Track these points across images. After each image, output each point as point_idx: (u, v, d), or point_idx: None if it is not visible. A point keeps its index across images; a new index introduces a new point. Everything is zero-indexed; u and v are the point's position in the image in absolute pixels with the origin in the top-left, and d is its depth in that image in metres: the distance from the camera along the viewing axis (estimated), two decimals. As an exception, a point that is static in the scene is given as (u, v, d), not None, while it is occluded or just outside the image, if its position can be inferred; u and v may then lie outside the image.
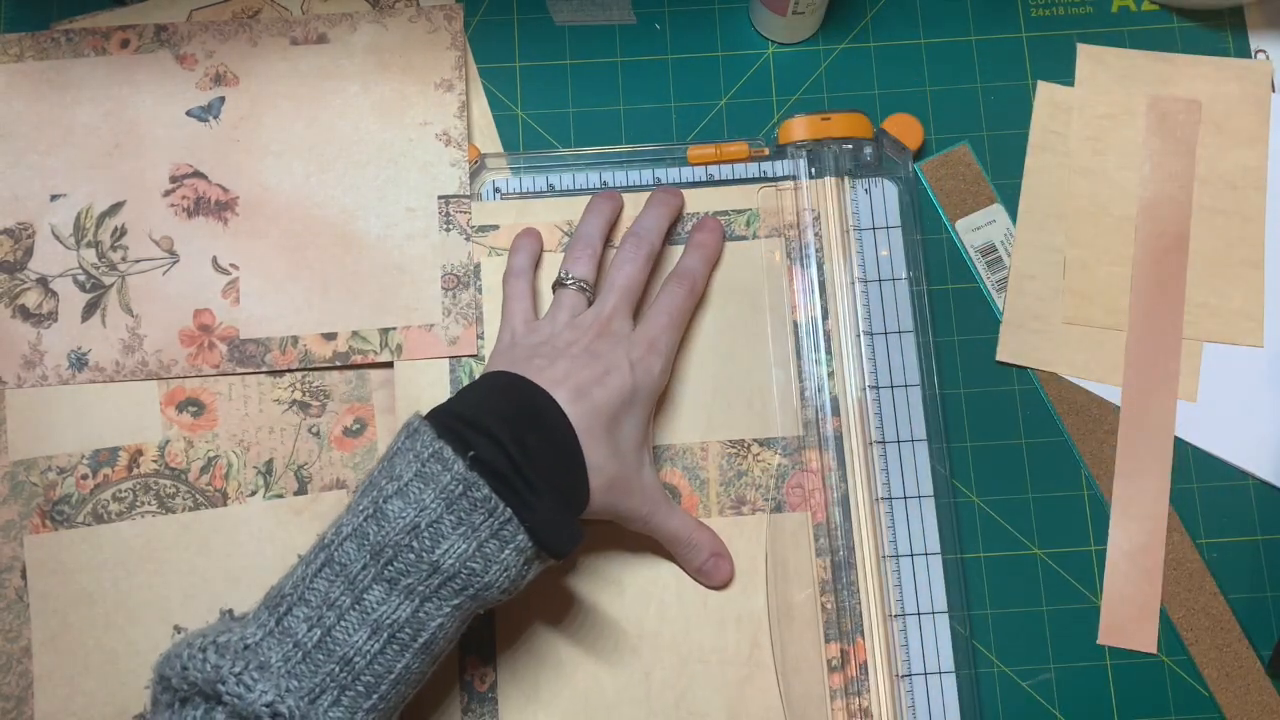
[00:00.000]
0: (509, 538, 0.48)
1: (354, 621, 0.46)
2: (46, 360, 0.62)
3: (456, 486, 0.47)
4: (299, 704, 0.44)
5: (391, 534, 0.47)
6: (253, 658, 0.45)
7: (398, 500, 0.47)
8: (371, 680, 0.46)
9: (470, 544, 0.47)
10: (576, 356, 0.55)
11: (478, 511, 0.47)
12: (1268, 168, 0.65)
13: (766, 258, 0.64)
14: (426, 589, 0.47)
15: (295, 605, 0.47)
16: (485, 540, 0.47)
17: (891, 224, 0.64)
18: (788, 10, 0.65)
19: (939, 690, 0.59)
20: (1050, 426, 0.63)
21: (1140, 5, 0.69)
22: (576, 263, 0.60)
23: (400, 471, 0.48)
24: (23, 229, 0.63)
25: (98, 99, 0.65)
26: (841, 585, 0.60)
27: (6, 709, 0.59)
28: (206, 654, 0.45)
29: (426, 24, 0.66)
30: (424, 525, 0.47)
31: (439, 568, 0.47)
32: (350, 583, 0.46)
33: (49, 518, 0.60)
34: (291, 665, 0.45)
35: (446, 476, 0.47)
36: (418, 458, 0.48)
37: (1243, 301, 0.64)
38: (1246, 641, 0.60)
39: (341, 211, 0.64)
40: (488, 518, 0.47)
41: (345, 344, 0.62)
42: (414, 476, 0.48)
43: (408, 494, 0.47)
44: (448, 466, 0.47)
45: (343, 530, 0.48)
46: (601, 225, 0.62)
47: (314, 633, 0.46)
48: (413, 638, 0.47)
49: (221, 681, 0.44)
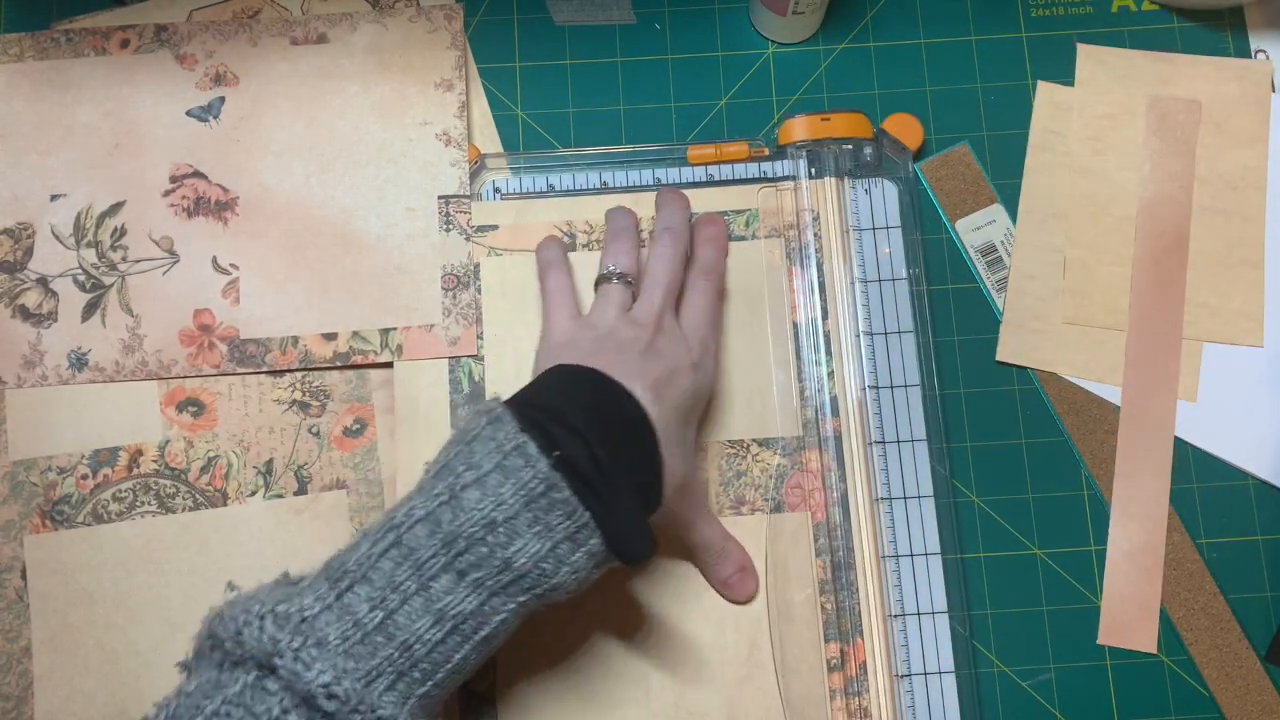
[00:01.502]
0: (583, 541, 0.46)
1: (417, 608, 0.45)
2: (46, 360, 0.62)
3: (538, 485, 0.46)
4: (355, 686, 0.43)
5: (466, 526, 0.45)
6: (311, 632, 0.43)
7: (475, 490, 0.46)
8: (428, 668, 0.45)
9: (544, 544, 0.46)
10: (644, 354, 0.54)
11: (555, 512, 0.46)
12: (1268, 168, 0.65)
13: (766, 258, 0.64)
14: (495, 584, 0.46)
15: (358, 583, 0.45)
16: (560, 542, 0.46)
17: (891, 224, 0.64)
18: (788, 10, 0.65)
19: (939, 690, 0.59)
20: (1050, 426, 0.63)
21: (1140, 5, 0.69)
22: (620, 256, 0.59)
23: (480, 460, 0.46)
24: (23, 229, 0.63)
25: (98, 99, 0.65)
26: (841, 585, 0.60)
27: (6, 709, 0.59)
28: (264, 623, 0.43)
29: (426, 24, 0.66)
30: (500, 521, 0.45)
31: (511, 565, 0.46)
32: (418, 568, 0.45)
33: (49, 518, 0.60)
34: (350, 645, 0.44)
35: (529, 473, 0.46)
36: (499, 449, 0.46)
37: (1243, 301, 0.64)
38: (1246, 641, 0.60)
39: (341, 211, 0.64)
40: (565, 519, 0.46)
41: (345, 344, 0.62)
42: (494, 468, 0.46)
43: (486, 485, 0.46)
44: (531, 463, 0.46)
45: (414, 513, 0.46)
46: (633, 222, 0.62)
47: (375, 614, 0.45)
48: (474, 630, 0.46)
49: (279, 655, 0.43)
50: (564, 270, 0.61)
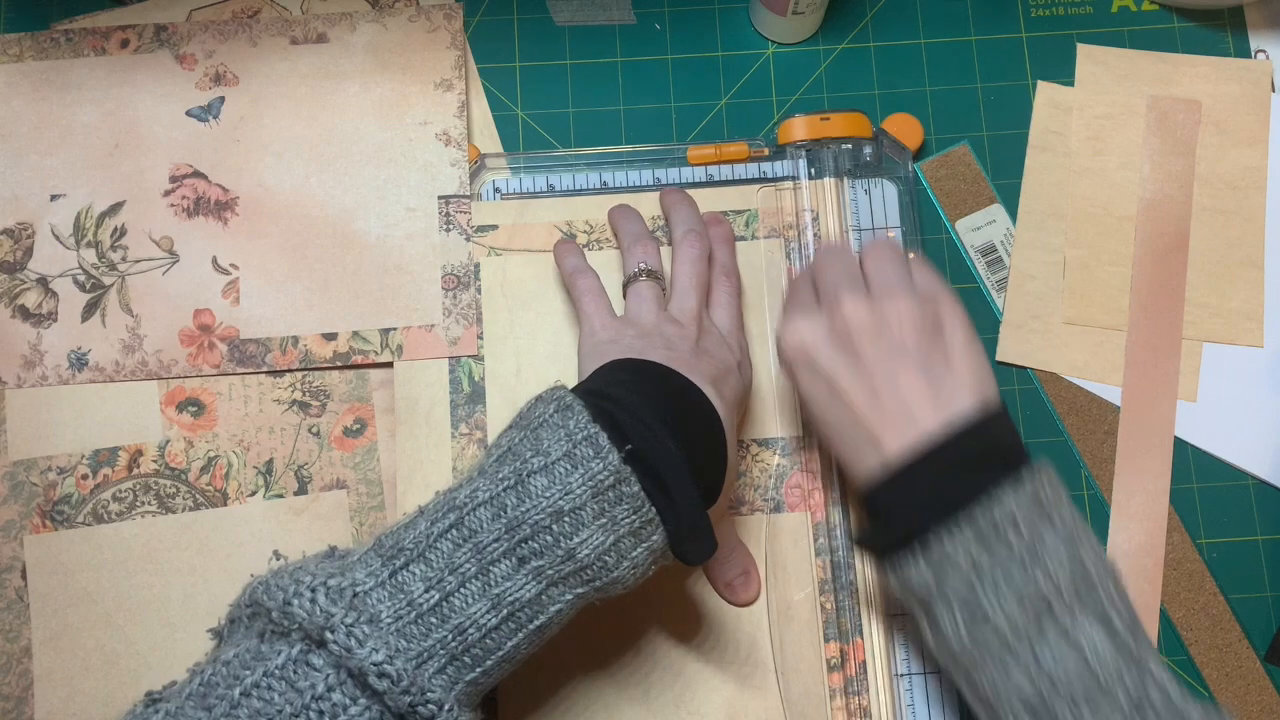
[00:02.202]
0: (646, 536, 0.46)
1: (474, 591, 0.44)
2: (46, 360, 0.62)
3: (607, 477, 0.45)
4: (407, 666, 0.42)
5: (532, 513, 0.44)
6: (364, 608, 0.43)
7: (542, 478, 0.45)
8: (480, 654, 0.44)
9: (609, 537, 0.45)
10: (694, 351, 0.53)
11: (622, 506, 0.45)
12: (1268, 168, 0.65)
13: (766, 258, 0.64)
14: (556, 574, 0.45)
15: (414, 561, 0.44)
16: (624, 536, 0.45)
17: (891, 224, 0.64)
18: (788, 10, 0.65)
19: (939, 689, 0.59)
20: (1050, 426, 0.63)
21: (1140, 5, 0.69)
22: (647, 255, 0.59)
23: (549, 447, 0.46)
24: (22, 229, 0.63)
25: (98, 99, 0.65)
26: (840, 585, 0.60)
27: (6, 709, 0.59)
28: (316, 595, 0.42)
29: (426, 23, 0.66)
30: (567, 510, 0.45)
31: (574, 556, 0.45)
32: (478, 551, 0.44)
33: (49, 518, 0.60)
34: (403, 625, 0.43)
35: (598, 464, 0.45)
36: (569, 437, 0.46)
37: (1243, 301, 0.64)
38: (1246, 641, 0.60)
39: (342, 211, 0.64)
40: (632, 514, 0.45)
41: (346, 344, 0.62)
42: (562, 456, 0.45)
43: (553, 473, 0.45)
44: (601, 454, 0.45)
45: (478, 495, 0.45)
46: (644, 223, 0.62)
47: (431, 594, 0.44)
48: (530, 619, 0.45)
49: (331, 630, 0.42)
50: (591, 272, 0.61)
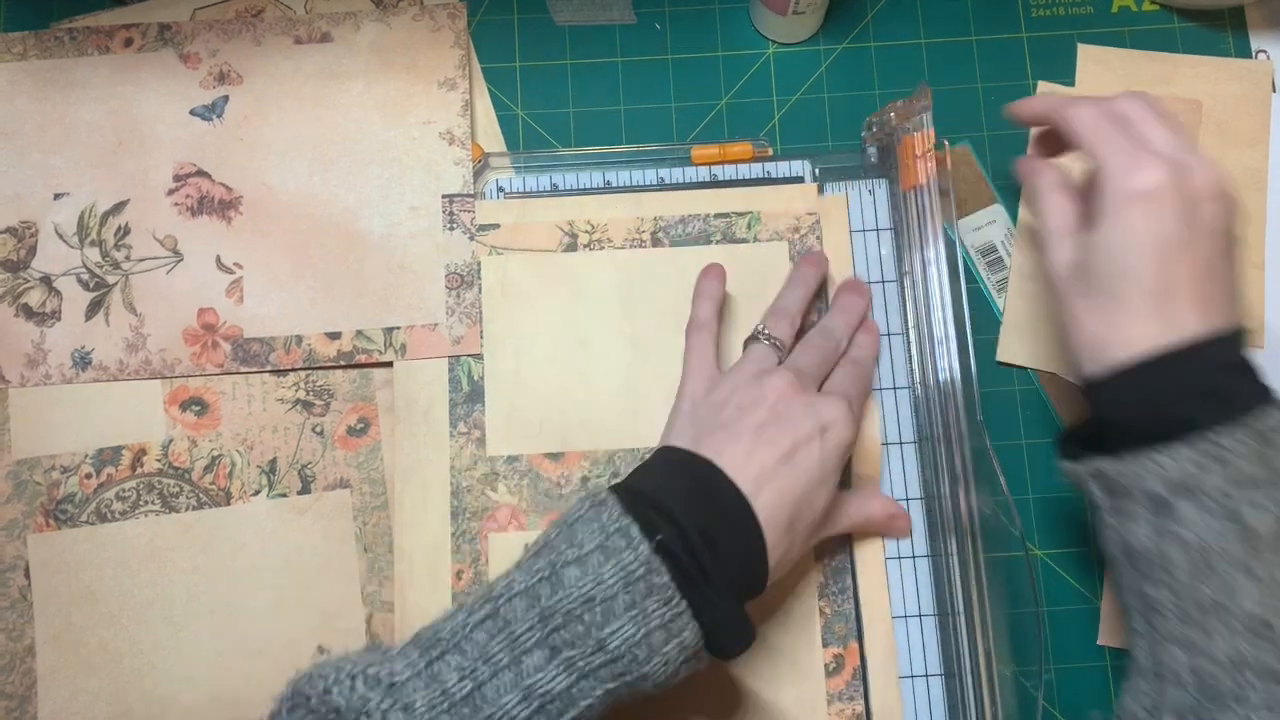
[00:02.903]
0: (677, 631, 0.45)
1: (507, 682, 0.44)
2: (50, 359, 0.62)
3: (638, 568, 0.45)
4: None
5: (565, 601, 0.45)
6: (400, 696, 0.44)
7: (575, 568, 0.45)
8: None
9: (639, 629, 0.45)
10: (762, 426, 0.52)
11: (653, 597, 0.45)
12: (1268, 168, 0.66)
13: (768, 261, 0.64)
14: (587, 665, 0.45)
15: (449, 652, 0.45)
16: (654, 629, 0.45)
17: (894, 225, 0.64)
18: (788, 10, 0.65)
19: (940, 692, 0.59)
20: (1050, 426, 0.63)
21: (1140, 5, 0.69)
22: (779, 323, 0.59)
23: (582, 540, 0.46)
24: (26, 228, 0.64)
25: (101, 98, 0.65)
26: (839, 589, 0.60)
27: (10, 708, 0.59)
28: (355, 683, 0.44)
29: (430, 22, 0.66)
30: (599, 600, 0.45)
31: (604, 646, 0.45)
32: (512, 641, 0.45)
33: (52, 517, 0.61)
34: (436, 713, 0.44)
35: (629, 555, 0.45)
36: (602, 530, 0.46)
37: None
38: (1246, 640, 0.61)
39: (345, 210, 0.64)
40: (662, 606, 0.45)
41: (350, 343, 0.62)
42: (596, 548, 0.46)
43: (587, 564, 0.45)
44: (632, 545, 0.45)
45: (514, 586, 0.46)
46: (803, 298, 0.61)
47: (464, 684, 0.44)
48: (560, 712, 0.45)
49: (367, 715, 0.43)
50: (709, 333, 0.59)
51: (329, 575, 0.60)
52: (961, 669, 0.57)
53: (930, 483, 0.61)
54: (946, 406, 0.58)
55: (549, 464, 0.61)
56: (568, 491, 0.61)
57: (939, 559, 0.60)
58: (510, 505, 0.61)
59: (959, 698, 0.58)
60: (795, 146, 0.66)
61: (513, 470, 0.61)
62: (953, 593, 0.58)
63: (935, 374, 0.59)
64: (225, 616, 0.60)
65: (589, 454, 0.61)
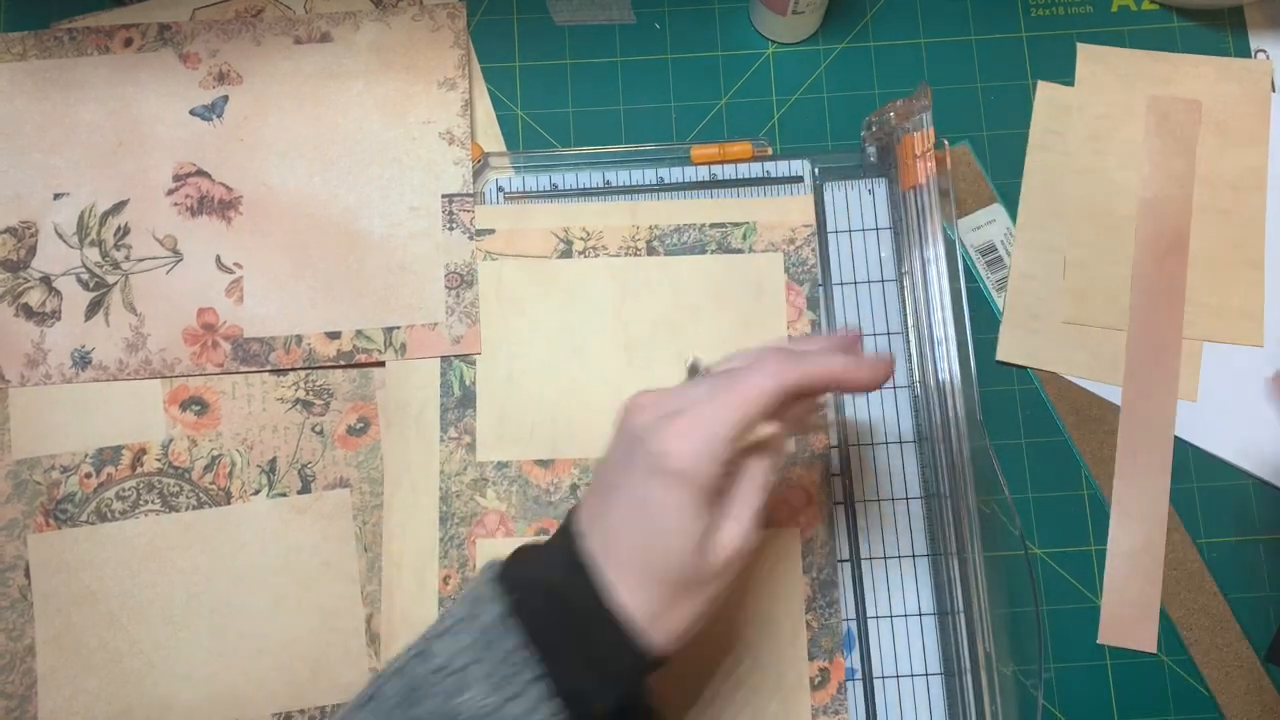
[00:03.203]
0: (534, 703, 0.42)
1: None
2: (50, 359, 0.62)
3: (494, 630, 0.43)
4: None
5: (425, 673, 0.43)
6: None
7: (442, 639, 0.44)
8: None
9: (493, 698, 0.42)
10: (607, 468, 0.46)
11: (508, 663, 0.42)
12: (1268, 168, 0.66)
13: (763, 271, 0.63)
14: None
15: None
16: (510, 698, 0.42)
17: (894, 225, 0.64)
18: (788, 10, 0.65)
19: (940, 691, 0.59)
20: (1050, 426, 0.63)
21: (1140, 5, 0.69)
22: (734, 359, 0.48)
23: (456, 609, 0.45)
24: (26, 228, 0.64)
25: (101, 98, 0.65)
26: (825, 603, 0.59)
27: (10, 707, 0.59)
28: None
29: (430, 22, 0.66)
30: (455, 668, 0.42)
31: (456, 717, 0.42)
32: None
33: (52, 516, 0.61)
34: None
35: (487, 618, 0.43)
36: (469, 595, 0.45)
37: (1243, 301, 0.64)
38: (1246, 641, 0.61)
39: (345, 210, 0.64)
40: (516, 671, 0.42)
41: (349, 343, 0.62)
42: (464, 616, 0.44)
43: (454, 633, 0.44)
44: (489, 608, 0.43)
45: (392, 665, 0.45)
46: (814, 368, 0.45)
47: None
48: None
49: None
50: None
51: (329, 575, 0.60)
52: (961, 668, 0.57)
53: (930, 482, 0.61)
54: (946, 406, 0.58)
55: (539, 471, 0.61)
56: (557, 499, 0.61)
57: (939, 558, 0.60)
58: (499, 511, 0.61)
59: (959, 697, 0.58)
60: (795, 146, 0.66)
61: (502, 476, 0.61)
62: (952, 592, 0.58)
63: (935, 374, 0.59)
64: (225, 616, 0.60)
65: (579, 462, 0.61)
